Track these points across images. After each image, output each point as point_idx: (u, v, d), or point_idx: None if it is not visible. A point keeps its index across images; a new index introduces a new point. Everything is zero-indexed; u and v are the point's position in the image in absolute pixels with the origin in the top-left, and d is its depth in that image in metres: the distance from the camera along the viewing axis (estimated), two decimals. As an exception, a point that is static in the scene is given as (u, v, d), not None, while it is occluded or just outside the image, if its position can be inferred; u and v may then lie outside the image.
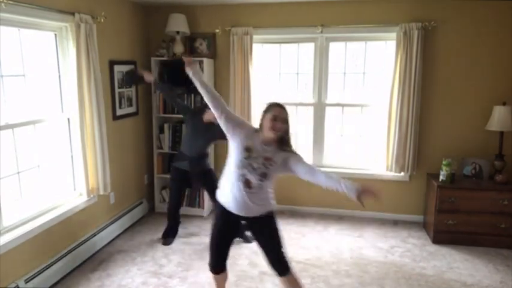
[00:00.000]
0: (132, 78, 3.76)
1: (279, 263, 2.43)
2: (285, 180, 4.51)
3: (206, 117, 3.37)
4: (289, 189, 4.55)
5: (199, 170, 3.61)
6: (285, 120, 2.28)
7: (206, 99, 2.41)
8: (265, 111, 2.31)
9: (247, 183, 2.28)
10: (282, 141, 2.32)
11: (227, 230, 2.51)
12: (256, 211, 2.38)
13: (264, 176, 2.29)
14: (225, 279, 2.69)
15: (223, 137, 2.55)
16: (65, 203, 3.30)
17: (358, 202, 2.22)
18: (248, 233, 3.71)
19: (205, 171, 3.66)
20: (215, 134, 3.18)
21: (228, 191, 2.35)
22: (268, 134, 2.26)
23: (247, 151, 2.27)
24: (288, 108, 2.38)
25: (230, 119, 2.36)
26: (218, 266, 2.59)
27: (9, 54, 2.79)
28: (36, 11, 2.79)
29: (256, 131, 2.35)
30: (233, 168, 2.32)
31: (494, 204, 3.63)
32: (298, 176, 2.34)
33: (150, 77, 3.51)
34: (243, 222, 2.48)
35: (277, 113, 2.25)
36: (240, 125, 2.36)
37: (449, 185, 3.72)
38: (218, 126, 2.55)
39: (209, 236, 2.55)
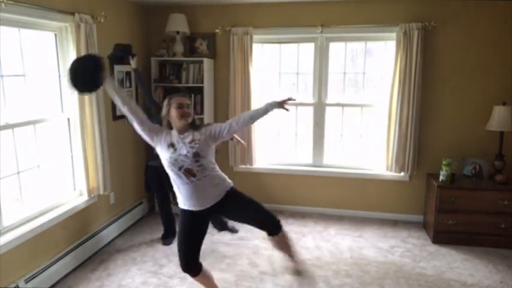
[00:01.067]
0: (121, 52, 3.72)
1: (267, 223, 2.52)
2: (285, 180, 4.54)
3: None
4: (289, 189, 4.56)
5: None
6: (188, 105, 2.43)
7: (125, 113, 2.50)
8: (168, 105, 2.43)
9: (189, 172, 2.34)
10: (194, 124, 2.46)
11: (191, 228, 2.47)
12: (215, 196, 2.44)
13: (197, 156, 2.35)
14: (208, 277, 2.61)
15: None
16: (65, 203, 3.31)
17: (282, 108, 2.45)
18: (230, 224, 3.79)
19: None
20: None
21: (183, 193, 2.41)
22: (180, 122, 2.40)
23: (172, 146, 2.38)
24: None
25: (152, 129, 2.48)
26: (189, 266, 2.49)
27: (9, 54, 2.79)
28: (36, 11, 2.79)
29: (168, 129, 2.47)
30: (169, 169, 2.40)
31: (494, 204, 3.63)
32: (228, 136, 2.48)
33: (134, 64, 3.59)
34: (208, 215, 2.51)
35: (180, 101, 2.40)
36: (157, 130, 2.48)
37: (449, 185, 3.72)
38: None
39: (177, 241, 2.51)
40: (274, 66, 4.49)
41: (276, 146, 4.64)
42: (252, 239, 3.86)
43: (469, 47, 3.91)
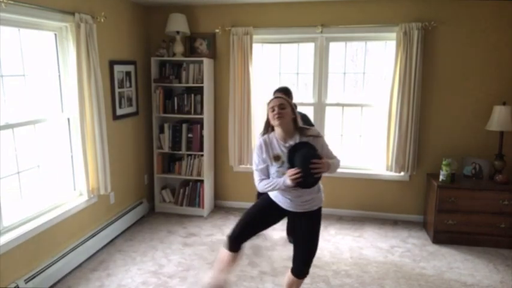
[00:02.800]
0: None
1: (302, 265, 2.41)
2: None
3: None
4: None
5: None
6: (282, 106, 2.28)
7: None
8: (267, 110, 2.35)
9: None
10: (296, 124, 2.34)
11: (267, 212, 2.49)
12: (309, 205, 2.39)
13: None
14: (235, 260, 2.61)
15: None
16: (65, 203, 3.31)
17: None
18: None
19: None
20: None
21: (281, 192, 2.40)
22: (276, 125, 2.29)
23: (277, 159, 2.32)
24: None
25: (266, 163, 2.38)
26: (238, 240, 2.52)
27: (9, 54, 2.79)
28: (36, 11, 2.79)
29: (266, 138, 2.37)
30: (275, 176, 2.36)
31: (494, 204, 3.63)
32: None
33: None
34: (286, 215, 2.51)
35: (272, 104, 2.30)
36: (262, 156, 2.37)
37: (449, 185, 3.72)
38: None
39: (247, 211, 2.55)
40: (274, 66, 4.49)
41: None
42: (251, 239, 3.85)
43: (469, 47, 3.91)
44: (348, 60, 4.38)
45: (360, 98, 4.38)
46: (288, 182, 2.19)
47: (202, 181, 4.41)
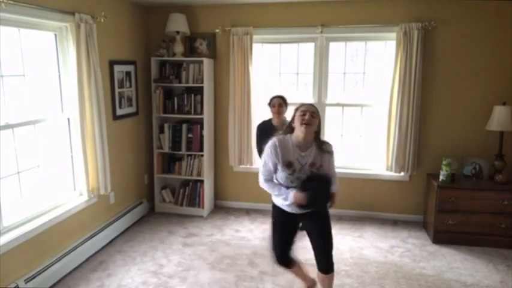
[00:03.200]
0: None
1: (325, 259, 2.47)
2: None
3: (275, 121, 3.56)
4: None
5: None
6: (314, 114, 2.30)
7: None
8: (295, 111, 2.37)
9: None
10: (317, 136, 2.37)
11: (288, 225, 2.54)
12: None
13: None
14: (300, 267, 2.69)
15: None
16: (65, 203, 3.31)
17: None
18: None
19: None
20: None
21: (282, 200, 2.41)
22: (300, 130, 2.29)
23: (289, 167, 2.31)
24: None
25: (275, 164, 2.38)
26: (285, 261, 2.59)
27: (9, 54, 2.79)
28: (36, 11, 2.79)
29: (283, 140, 2.35)
30: (284, 184, 2.38)
31: (494, 204, 3.63)
32: None
33: None
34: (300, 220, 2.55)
35: (305, 108, 2.31)
36: (273, 156, 2.35)
37: (449, 185, 3.72)
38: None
39: (272, 233, 2.59)
40: (274, 66, 4.49)
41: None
42: (252, 239, 3.86)
43: (469, 47, 3.91)
44: (348, 60, 4.38)
45: (360, 98, 4.38)
46: (291, 201, 2.30)
47: (202, 181, 4.41)
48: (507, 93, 3.86)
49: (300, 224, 2.59)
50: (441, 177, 3.78)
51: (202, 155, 4.36)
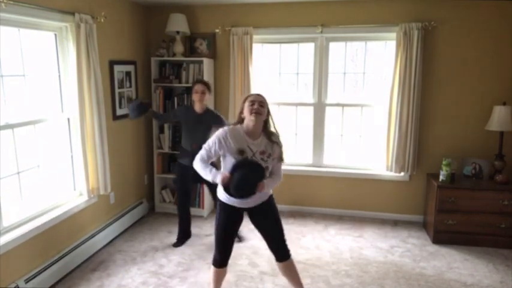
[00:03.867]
0: (139, 108, 3.55)
1: (283, 247, 2.56)
2: (285, 180, 4.52)
3: (194, 96, 3.51)
4: (289, 190, 4.55)
5: None
6: (262, 103, 2.36)
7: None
8: (243, 103, 2.40)
9: None
10: (265, 125, 2.42)
11: (232, 225, 2.55)
12: (260, 198, 2.47)
13: (266, 169, 2.39)
14: (225, 274, 2.70)
15: (217, 122, 3.41)
16: (65, 203, 3.31)
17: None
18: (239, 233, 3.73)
19: None
20: (209, 122, 3.50)
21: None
22: (250, 119, 2.33)
23: (240, 153, 2.33)
24: (288, 108, 2.40)
25: (217, 153, 2.42)
26: (225, 261, 2.61)
27: (9, 54, 2.79)
28: (36, 11, 2.79)
29: (233, 130, 2.38)
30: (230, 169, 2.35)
31: (494, 204, 3.63)
32: None
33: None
34: (244, 212, 2.56)
35: (253, 98, 2.37)
36: (220, 145, 2.37)
37: (449, 185, 3.72)
38: (209, 114, 3.51)
39: (215, 233, 2.56)
40: (274, 66, 4.49)
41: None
42: (252, 239, 3.86)
43: (469, 47, 3.91)
44: (348, 60, 4.38)
45: (360, 98, 4.38)
46: (218, 181, 2.32)
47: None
48: (507, 93, 3.86)
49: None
50: (441, 177, 3.78)
51: (202, 155, 4.35)
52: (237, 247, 3.66)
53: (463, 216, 3.71)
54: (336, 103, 4.39)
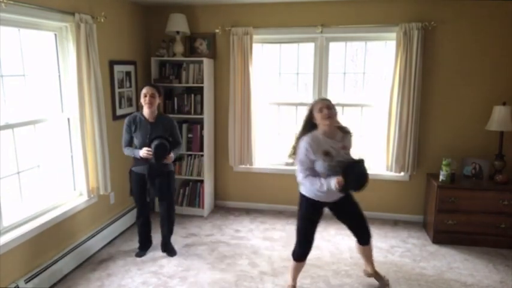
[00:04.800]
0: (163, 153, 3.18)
1: (367, 232, 2.84)
2: (285, 180, 4.53)
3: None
4: (289, 189, 4.56)
5: (158, 173, 3.34)
6: (329, 106, 2.59)
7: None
8: (311, 111, 2.63)
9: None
10: (342, 128, 2.68)
11: (317, 218, 2.76)
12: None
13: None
14: (302, 267, 2.90)
15: (169, 128, 3.31)
16: (65, 203, 3.31)
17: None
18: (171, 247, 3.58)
19: (163, 173, 3.38)
20: (164, 129, 3.29)
21: (315, 189, 2.60)
22: (325, 124, 2.56)
23: (327, 155, 2.54)
24: (288, 108, 2.47)
25: (310, 163, 2.59)
26: (305, 255, 2.80)
27: (9, 54, 2.79)
28: (36, 11, 2.79)
29: (312, 136, 2.58)
30: (324, 174, 2.56)
31: (494, 204, 3.63)
32: None
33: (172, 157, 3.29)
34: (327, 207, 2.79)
35: (321, 105, 2.59)
36: (308, 153, 2.55)
37: (449, 185, 3.72)
38: (163, 120, 3.31)
39: (299, 227, 2.78)
40: (274, 66, 4.49)
41: (276, 146, 4.64)
42: (252, 239, 3.86)
43: (469, 47, 3.91)
44: (348, 60, 4.38)
45: (360, 98, 4.37)
46: (334, 187, 2.47)
47: (202, 181, 4.41)
48: (507, 93, 3.86)
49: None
50: (441, 177, 3.78)
51: (202, 155, 4.36)
52: (237, 247, 3.67)
53: (463, 216, 3.71)
54: (336, 103, 4.30)
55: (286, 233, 4.01)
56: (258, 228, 4.13)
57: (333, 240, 3.86)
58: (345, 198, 2.72)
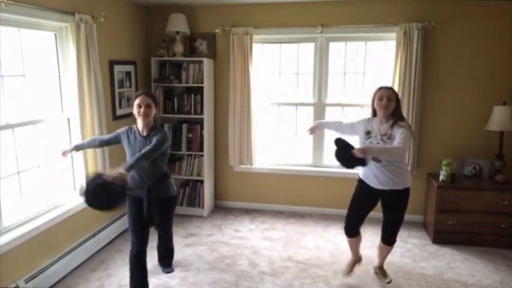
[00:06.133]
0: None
1: (393, 237, 2.99)
2: (285, 180, 4.54)
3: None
4: (289, 189, 4.56)
5: (156, 198, 2.76)
6: (390, 98, 2.74)
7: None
8: (374, 95, 2.84)
9: (376, 159, 2.75)
10: (395, 114, 2.77)
11: (362, 198, 2.97)
12: (392, 184, 2.77)
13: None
14: (359, 241, 3.13)
15: (161, 144, 2.61)
16: (65, 203, 3.30)
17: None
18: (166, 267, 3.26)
19: (163, 200, 2.81)
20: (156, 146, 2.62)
21: (368, 171, 2.85)
22: (380, 112, 2.77)
23: (367, 134, 2.81)
24: (288, 108, 2.47)
25: (354, 126, 2.96)
26: (354, 230, 3.04)
27: (9, 54, 2.79)
28: (36, 11, 2.79)
29: (373, 117, 2.88)
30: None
31: (494, 204, 3.63)
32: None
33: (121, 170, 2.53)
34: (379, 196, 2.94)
35: (382, 93, 2.77)
36: (358, 123, 2.93)
37: (449, 185, 3.72)
38: (156, 134, 2.67)
39: (350, 203, 3.03)
40: (274, 66, 4.49)
41: (276, 146, 4.64)
42: (252, 239, 3.86)
43: (469, 47, 3.91)
44: (348, 60, 4.38)
45: (360, 98, 4.37)
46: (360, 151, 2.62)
47: (202, 181, 4.41)
48: (507, 93, 3.86)
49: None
50: (441, 177, 3.78)
51: (202, 155, 4.36)
52: (237, 247, 3.67)
53: (463, 216, 3.71)
54: (336, 103, 4.39)
55: (286, 233, 4.01)
56: (258, 228, 4.13)
57: (332, 240, 3.86)
58: (393, 195, 2.82)
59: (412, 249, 3.67)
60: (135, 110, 2.71)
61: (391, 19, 3.97)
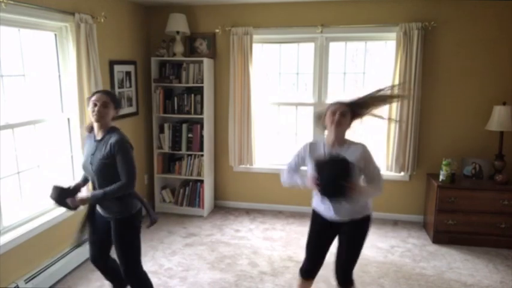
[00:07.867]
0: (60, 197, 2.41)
1: (344, 277, 2.44)
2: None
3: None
4: (289, 189, 4.55)
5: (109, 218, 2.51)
6: (344, 113, 2.22)
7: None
8: (326, 110, 2.30)
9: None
10: (345, 140, 2.31)
11: (319, 235, 2.49)
12: (350, 214, 2.30)
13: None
14: (311, 284, 2.61)
15: (112, 154, 2.31)
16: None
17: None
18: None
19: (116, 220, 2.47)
20: (102, 153, 2.33)
21: (319, 200, 2.40)
22: (331, 130, 2.24)
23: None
24: (288, 108, 2.39)
25: (300, 162, 2.49)
26: (310, 272, 2.55)
27: (9, 54, 2.79)
28: (36, 11, 2.79)
29: (313, 142, 2.40)
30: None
31: (494, 204, 3.63)
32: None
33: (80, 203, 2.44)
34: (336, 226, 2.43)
35: (334, 108, 2.24)
36: (299, 154, 2.46)
37: (449, 185, 3.72)
38: (111, 138, 2.32)
39: (307, 240, 2.54)
40: (274, 66, 4.49)
41: (276, 146, 4.64)
42: (252, 239, 3.86)
43: (468, 47, 3.91)
44: (348, 60, 4.38)
45: (359, 98, 4.37)
46: (307, 182, 2.30)
47: (202, 181, 4.41)
48: (507, 93, 3.86)
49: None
50: (441, 177, 3.78)
51: (202, 155, 4.36)
52: (237, 247, 3.67)
53: (463, 216, 3.71)
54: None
55: (286, 233, 4.01)
56: (258, 228, 4.13)
57: (333, 240, 3.85)
58: (351, 225, 2.33)
59: (412, 249, 3.67)
60: (89, 109, 2.32)
61: (391, 19, 3.97)
